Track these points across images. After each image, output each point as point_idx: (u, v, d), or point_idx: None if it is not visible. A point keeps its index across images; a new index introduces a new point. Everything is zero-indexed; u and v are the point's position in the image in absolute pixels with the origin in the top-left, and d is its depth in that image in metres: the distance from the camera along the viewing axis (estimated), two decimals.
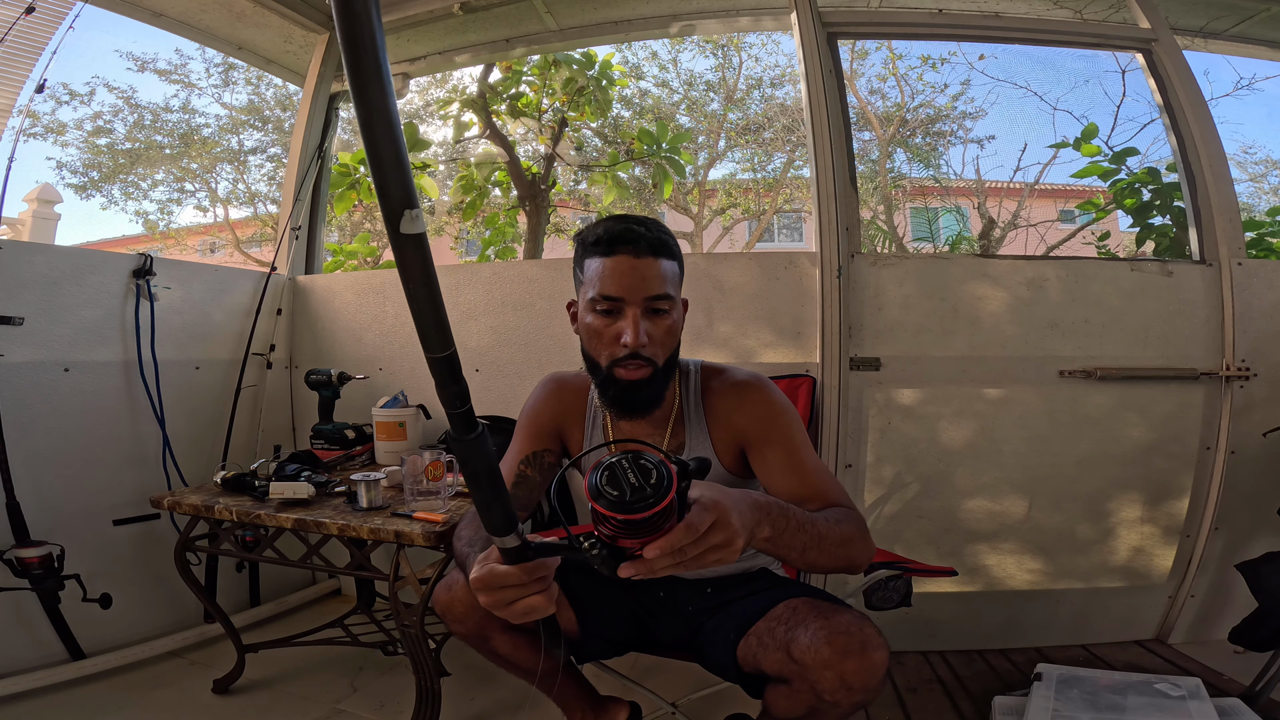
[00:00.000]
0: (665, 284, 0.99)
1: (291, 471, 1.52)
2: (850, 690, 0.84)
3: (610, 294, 0.98)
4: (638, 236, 0.98)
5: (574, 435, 1.17)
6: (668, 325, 1.01)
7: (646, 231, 0.99)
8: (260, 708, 1.56)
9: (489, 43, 2.49)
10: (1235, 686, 1.54)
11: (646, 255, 0.98)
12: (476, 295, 2.11)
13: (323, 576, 2.31)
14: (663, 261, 1.00)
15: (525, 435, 1.15)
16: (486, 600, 0.67)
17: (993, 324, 1.84)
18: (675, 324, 1.03)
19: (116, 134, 7.27)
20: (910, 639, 1.84)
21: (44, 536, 1.57)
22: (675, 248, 1.04)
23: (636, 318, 0.97)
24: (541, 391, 1.19)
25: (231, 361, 2.12)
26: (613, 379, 1.01)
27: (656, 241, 0.99)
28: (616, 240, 0.98)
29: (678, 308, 1.04)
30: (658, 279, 0.99)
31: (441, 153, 5.92)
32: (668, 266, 1.01)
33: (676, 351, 1.06)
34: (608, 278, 0.98)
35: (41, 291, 1.68)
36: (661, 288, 0.99)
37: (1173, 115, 1.95)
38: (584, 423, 1.16)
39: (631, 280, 0.97)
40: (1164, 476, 1.85)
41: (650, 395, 1.02)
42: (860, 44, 5.84)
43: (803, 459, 1.01)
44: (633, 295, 0.97)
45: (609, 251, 0.98)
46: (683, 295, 1.08)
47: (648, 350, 0.98)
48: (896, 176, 6.19)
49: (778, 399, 1.06)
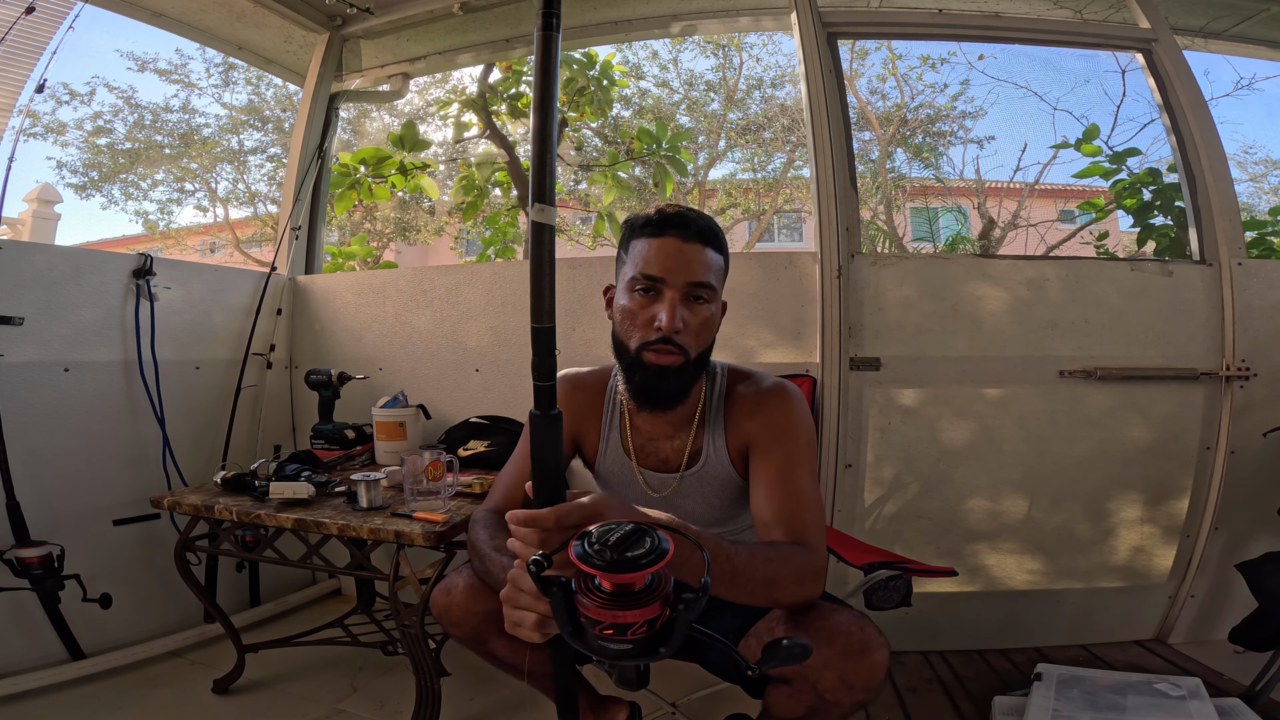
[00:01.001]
0: (709, 273, 0.98)
1: (291, 471, 1.52)
2: (852, 690, 0.83)
3: (652, 273, 0.96)
4: (688, 221, 0.97)
5: (589, 436, 1.14)
6: (705, 316, 0.98)
7: (698, 218, 0.99)
8: (260, 708, 1.56)
9: (489, 43, 2.49)
10: (1235, 686, 1.54)
11: (694, 241, 0.97)
12: (476, 295, 2.11)
13: (323, 576, 2.31)
14: (709, 251, 0.98)
15: None
16: (507, 593, 0.67)
17: (993, 324, 1.84)
18: (713, 317, 1.00)
19: (116, 134, 7.28)
20: (910, 639, 1.84)
21: (44, 536, 1.57)
22: (724, 243, 1.02)
23: (675, 301, 0.95)
24: (558, 390, 1.17)
25: (231, 361, 2.12)
26: (640, 363, 0.98)
27: (706, 230, 0.98)
28: (667, 222, 0.97)
29: (718, 301, 1.02)
30: (702, 266, 0.97)
31: (441, 153, 5.92)
32: (714, 257, 0.99)
33: (710, 349, 1.03)
34: (652, 257, 0.96)
35: (41, 291, 1.68)
36: (705, 275, 0.97)
37: (1173, 115, 1.95)
38: (600, 422, 1.13)
39: (676, 262, 0.95)
40: (1164, 476, 1.85)
41: (677, 386, 0.98)
42: (860, 44, 5.84)
43: (793, 479, 0.96)
44: (675, 278, 0.95)
45: (658, 232, 0.97)
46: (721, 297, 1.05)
47: (681, 337, 0.96)
48: (897, 176, 6.19)
49: (796, 412, 1.03)
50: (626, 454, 1.11)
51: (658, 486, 1.11)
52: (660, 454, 1.10)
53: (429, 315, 2.16)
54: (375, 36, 2.51)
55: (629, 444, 1.11)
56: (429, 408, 1.97)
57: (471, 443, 1.87)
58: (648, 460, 1.11)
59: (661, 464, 1.10)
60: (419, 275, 2.20)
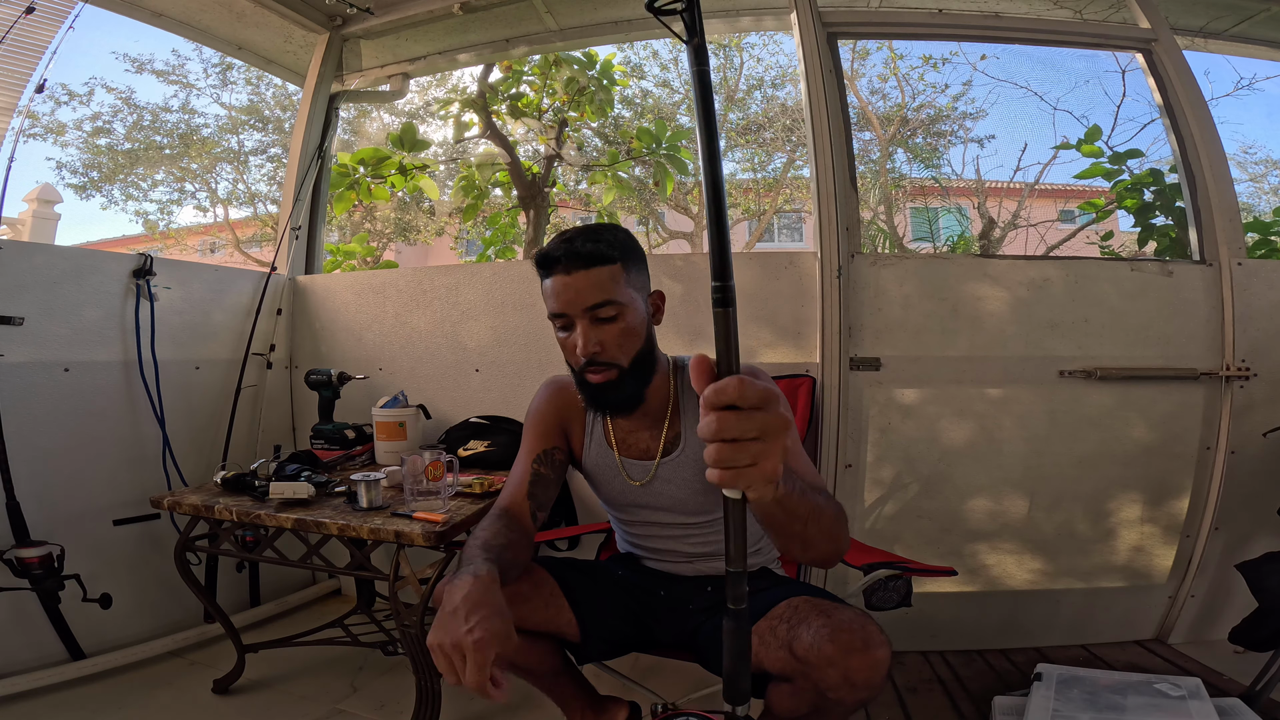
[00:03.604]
0: (602, 292, 1.02)
1: (291, 471, 1.52)
2: (854, 687, 0.84)
3: (556, 311, 1.04)
4: (562, 254, 1.02)
5: (575, 431, 1.21)
6: (619, 329, 1.03)
7: (573, 247, 1.02)
8: (260, 708, 1.56)
9: (489, 43, 2.49)
10: (1235, 686, 1.53)
11: (577, 269, 1.02)
12: (476, 295, 2.11)
13: (323, 576, 2.31)
14: (595, 270, 1.02)
15: (534, 435, 1.18)
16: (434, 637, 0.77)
17: (993, 324, 1.84)
18: (629, 326, 1.04)
19: (116, 134, 7.27)
20: (910, 639, 1.84)
21: (44, 536, 1.57)
22: (615, 251, 1.04)
23: (586, 329, 1.02)
24: (543, 394, 1.22)
25: (231, 361, 2.12)
26: (585, 383, 1.07)
27: (585, 254, 1.02)
28: (547, 262, 1.04)
29: (630, 309, 1.04)
30: (592, 289, 1.02)
31: (441, 153, 5.92)
32: (603, 273, 1.02)
33: (647, 349, 1.08)
34: (550, 297, 1.05)
35: (41, 291, 1.68)
36: (597, 297, 1.02)
37: (1173, 115, 1.94)
38: (584, 421, 1.20)
39: (568, 296, 1.02)
40: (1164, 476, 1.84)
41: (621, 396, 1.06)
42: (862, 44, 5.84)
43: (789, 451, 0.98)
44: (573, 309, 1.02)
45: (547, 273, 1.05)
46: (653, 289, 1.11)
47: (604, 356, 1.03)
48: (897, 177, 6.19)
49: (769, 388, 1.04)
50: (609, 446, 1.18)
51: (638, 475, 1.16)
52: (640, 444, 1.17)
53: (429, 315, 2.16)
54: (375, 36, 2.51)
55: (611, 437, 1.18)
56: (429, 408, 1.97)
57: (471, 443, 1.87)
58: (630, 450, 1.17)
59: (642, 453, 1.16)
60: (419, 275, 2.20)
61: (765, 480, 0.55)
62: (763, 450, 0.54)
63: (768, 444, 0.54)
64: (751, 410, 0.54)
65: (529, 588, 1.06)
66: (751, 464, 0.54)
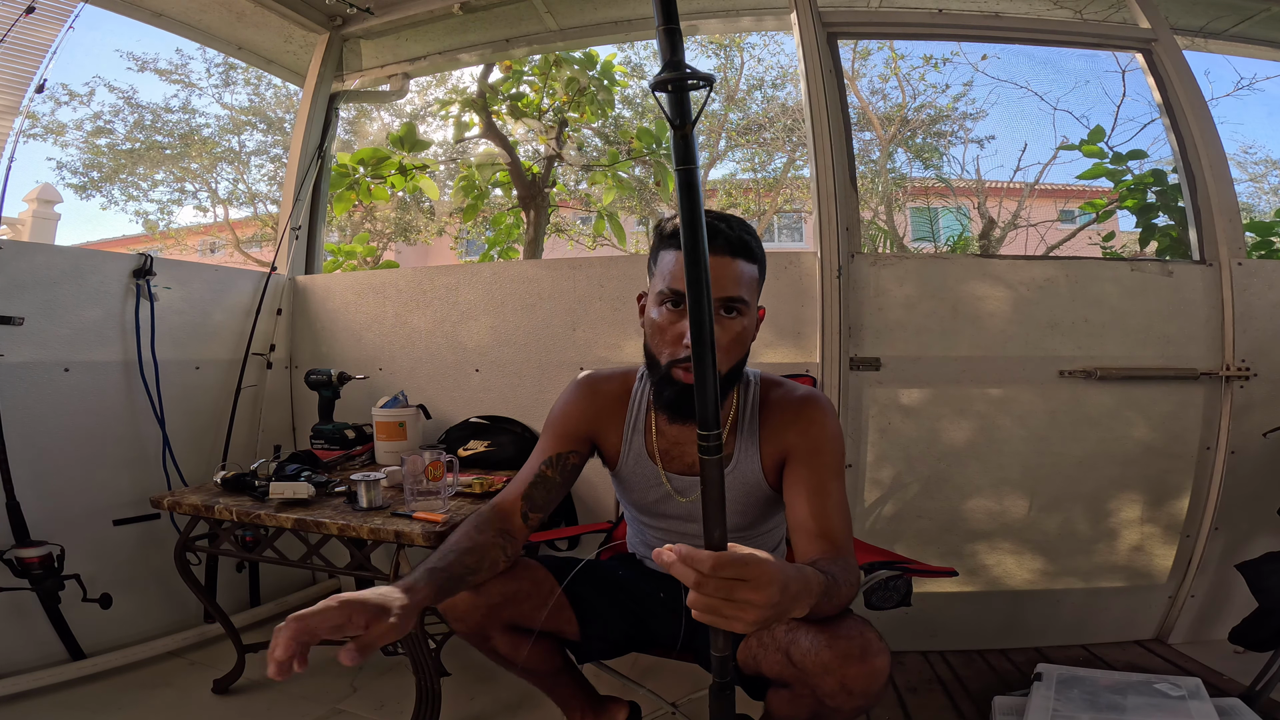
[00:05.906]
0: (740, 286, 0.94)
1: (291, 471, 1.52)
2: (851, 695, 0.83)
3: (679, 289, 0.92)
4: (717, 232, 0.92)
5: (610, 438, 1.12)
6: (737, 331, 0.96)
7: (728, 229, 0.94)
8: (260, 708, 1.56)
9: (489, 43, 2.49)
10: (1235, 686, 1.53)
11: (723, 254, 0.92)
12: (476, 295, 2.11)
13: (323, 576, 2.31)
14: (741, 263, 0.94)
15: (551, 436, 1.11)
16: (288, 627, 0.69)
17: (993, 324, 1.84)
18: (746, 331, 0.98)
19: (116, 134, 7.28)
20: (910, 639, 1.84)
21: (44, 536, 1.57)
22: (759, 251, 0.98)
23: None
24: (574, 393, 1.14)
25: (231, 361, 2.12)
26: (670, 379, 0.96)
27: (737, 241, 0.94)
28: (707, 235, 0.96)
29: (751, 314, 0.98)
30: (732, 280, 0.93)
31: (441, 153, 5.92)
32: (746, 269, 0.95)
33: (744, 361, 1.01)
34: (679, 271, 0.92)
35: (41, 291, 1.68)
36: (735, 290, 0.94)
37: (1173, 115, 1.94)
38: (623, 425, 1.12)
39: None
40: (1164, 476, 1.84)
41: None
42: (863, 44, 5.84)
43: (829, 491, 0.96)
44: None
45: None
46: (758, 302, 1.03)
47: None
48: (898, 177, 6.20)
49: (831, 423, 1.03)
50: (651, 458, 1.10)
51: (684, 490, 1.09)
52: (687, 458, 1.08)
53: (429, 315, 2.16)
54: (375, 36, 2.51)
55: (653, 448, 1.10)
56: (429, 408, 1.97)
57: (471, 443, 1.87)
58: (673, 464, 1.09)
59: (688, 468, 1.08)
60: (419, 275, 2.20)
61: (748, 627, 0.58)
62: (741, 612, 0.57)
63: (750, 612, 0.57)
64: (732, 581, 0.56)
65: (528, 586, 1.04)
66: (731, 616, 0.57)
